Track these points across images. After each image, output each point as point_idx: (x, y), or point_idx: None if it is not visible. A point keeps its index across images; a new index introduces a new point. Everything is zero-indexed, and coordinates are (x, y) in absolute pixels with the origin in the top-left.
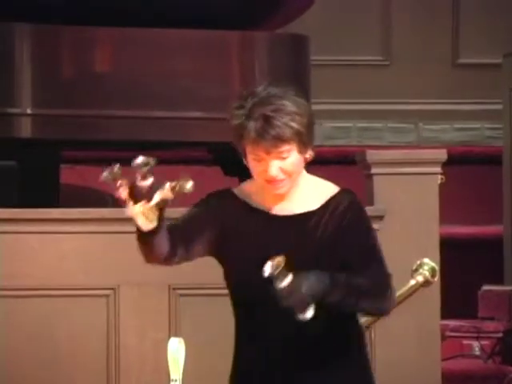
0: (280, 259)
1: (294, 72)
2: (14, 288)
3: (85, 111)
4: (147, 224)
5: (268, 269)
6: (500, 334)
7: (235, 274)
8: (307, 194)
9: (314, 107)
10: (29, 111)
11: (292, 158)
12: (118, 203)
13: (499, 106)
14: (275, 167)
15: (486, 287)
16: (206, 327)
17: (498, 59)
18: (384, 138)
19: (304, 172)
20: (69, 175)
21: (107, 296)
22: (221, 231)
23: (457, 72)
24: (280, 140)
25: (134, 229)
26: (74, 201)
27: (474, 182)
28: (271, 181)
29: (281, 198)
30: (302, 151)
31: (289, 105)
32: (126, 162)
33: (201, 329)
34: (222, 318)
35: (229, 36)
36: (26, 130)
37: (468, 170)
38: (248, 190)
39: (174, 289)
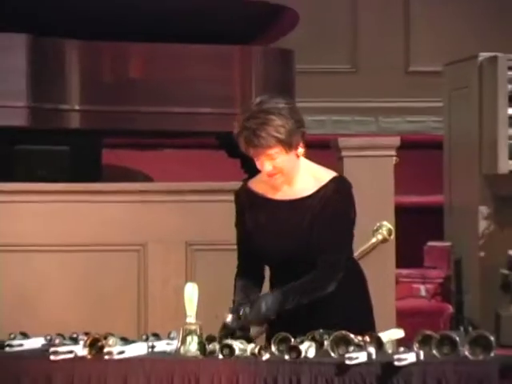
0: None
1: (283, 78)
2: (67, 244)
3: (120, 107)
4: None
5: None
6: (441, 280)
7: (260, 248)
8: (305, 180)
9: (300, 105)
10: (77, 107)
11: (281, 157)
12: (147, 179)
13: (441, 104)
14: (267, 165)
15: (430, 243)
16: (215, 275)
17: (439, 67)
18: (351, 129)
19: (304, 162)
20: (108, 157)
21: (138, 251)
22: (247, 219)
23: (408, 77)
24: (262, 147)
25: (159, 198)
26: (113, 177)
27: (422, 162)
28: (268, 175)
29: (282, 186)
30: (288, 152)
31: (274, 119)
32: (152, 147)
33: (211, 276)
34: (227, 268)
35: (232, 49)
36: (74, 121)
37: (416, 153)
38: (258, 182)
39: (190, 245)
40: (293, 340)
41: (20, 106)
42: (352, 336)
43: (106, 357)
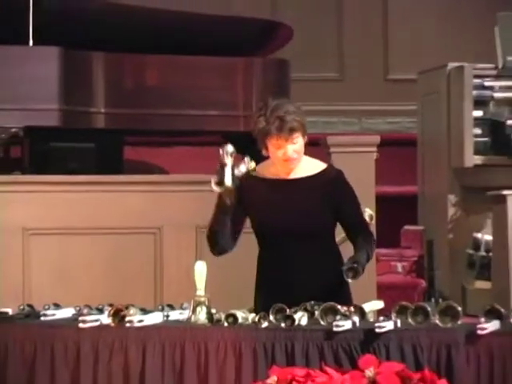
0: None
1: (280, 85)
2: (94, 227)
3: (140, 110)
4: (227, 200)
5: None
6: (415, 258)
7: (265, 222)
8: (306, 166)
9: None
10: (102, 110)
11: (300, 142)
12: (163, 172)
13: (415, 107)
14: (291, 150)
15: (405, 227)
16: None
17: (414, 76)
18: (338, 128)
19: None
20: (129, 153)
21: (154, 234)
22: (246, 205)
23: (386, 84)
24: (293, 130)
25: (172, 188)
26: (133, 170)
27: (398, 157)
28: (288, 159)
29: (289, 170)
30: (304, 137)
31: (291, 107)
32: (167, 144)
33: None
34: None
35: (236, 61)
36: (100, 122)
37: (394, 150)
38: (262, 167)
39: (199, 228)
40: (288, 310)
41: (54, 109)
42: (339, 307)
43: (128, 325)
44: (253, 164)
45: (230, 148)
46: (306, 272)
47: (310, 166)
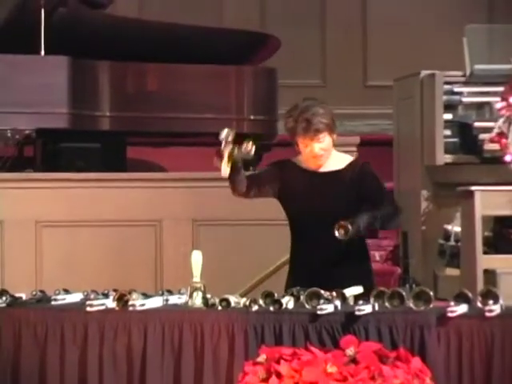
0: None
1: (268, 91)
2: (100, 220)
3: (141, 113)
4: (226, 169)
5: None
6: (391, 248)
7: (296, 208)
8: (335, 159)
9: (281, 112)
10: (107, 114)
11: (327, 140)
12: (162, 170)
13: (391, 111)
14: (318, 148)
15: None
16: (215, 245)
17: (390, 82)
18: None
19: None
20: (132, 152)
21: (155, 226)
22: (281, 186)
23: (366, 90)
24: (318, 131)
25: (171, 185)
26: (135, 168)
27: (376, 156)
28: (316, 156)
29: (318, 165)
30: (331, 135)
31: (319, 110)
32: (166, 145)
33: (211, 246)
34: (224, 239)
35: (229, 69)
36: (105, 125)
37: (372, 149)
38: (297, 159)
39: (195, 221)
40: (276, 294)
41: (63, 113)
42: (322, 292)
43: (131, 308)
44: (251, 147)
45: (223, 134)
46: (333, 258)
47: (338, 161)
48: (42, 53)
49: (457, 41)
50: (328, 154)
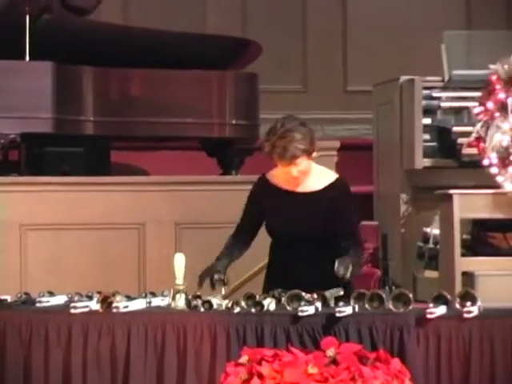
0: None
1: (250, 95)
2: (85, 223)
3: (124, 118)
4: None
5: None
6: (371, 250)
7: (274, 228)
8: (315, 178)
9: (262, 116)
10: (91, 118)
11: (303, 163)
12: (145, 174)
13: (371, 115)
14: (295, 171)
15: (362, 222)
16: (197, 247)
17: (370, 87)
18: None
19: (312, 164)
20: (115, 156)
21: (138, 229)
22: (262, 207)
23: (346, 95)
24: (294, 157)
25: (154, 188)
26: (118, 172)
27: (356, 160)
28: (293, 178)
29: (297, 185)
30: (309, 158)
31: (296, 135)
32: (149, 149)
33: (194, 248)
34: (206, 242)
35: (211, 74)
36: (89, 129)
37: (352, 153)
38: (275, 175)
39: (178, 224)
40: (257, 296)
41: (47, 118)
42: (303, 293)
43: (114, 310)
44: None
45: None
46: (308, 271)
47: (318, 179)
48: (27, 58)
49: (436, 46)
50: (306, 175)
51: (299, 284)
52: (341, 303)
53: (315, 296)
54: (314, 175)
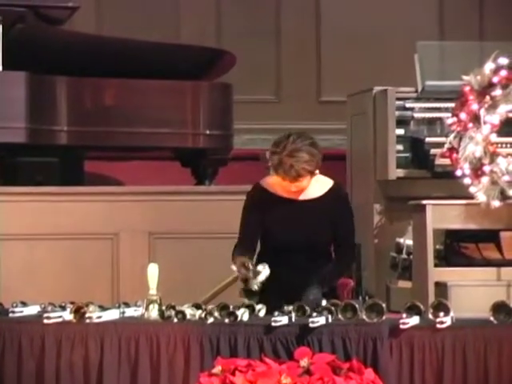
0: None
1: (224, 106)
2: (58, 233)
3: (99, 128)
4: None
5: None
6: None
7: (274, 236)
8: (313, 185)
9: (236, 127)
10: (65, 128)
11: (306, 181)
12: (119, 184)
13: (344, 126)
14: (293, 187)
15: None
16: (171, 258)
17: (344, 98)
18: None
19: None
20: (89, 166)
21: (112, 239)
22: (263, 215)
23: (319, 105)
24: (299, 177)
25: (128, 198)
26: (92, 182)
27: (330, 170)
28: (294, 192)
29: (296, 195)
30: (312, 176)
31: (305, 156)
32: (123, 159)
33: (168, 259)
34: (180, 252)
35: (185, 84)
36: (63, 139)
37: (326, 164)
38: (272, 184)
39: (151, 234)
40: (231, 307)
41: (21, 127)
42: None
43: (87, 321)
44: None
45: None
46: (304, 279)
47: (316, 186)
48: (0, 68)
49: (409, 57)
50: (305, 189)
51: (295, 292)
52: (314, 314)
53: (293, 307)
54: (312, 182)
